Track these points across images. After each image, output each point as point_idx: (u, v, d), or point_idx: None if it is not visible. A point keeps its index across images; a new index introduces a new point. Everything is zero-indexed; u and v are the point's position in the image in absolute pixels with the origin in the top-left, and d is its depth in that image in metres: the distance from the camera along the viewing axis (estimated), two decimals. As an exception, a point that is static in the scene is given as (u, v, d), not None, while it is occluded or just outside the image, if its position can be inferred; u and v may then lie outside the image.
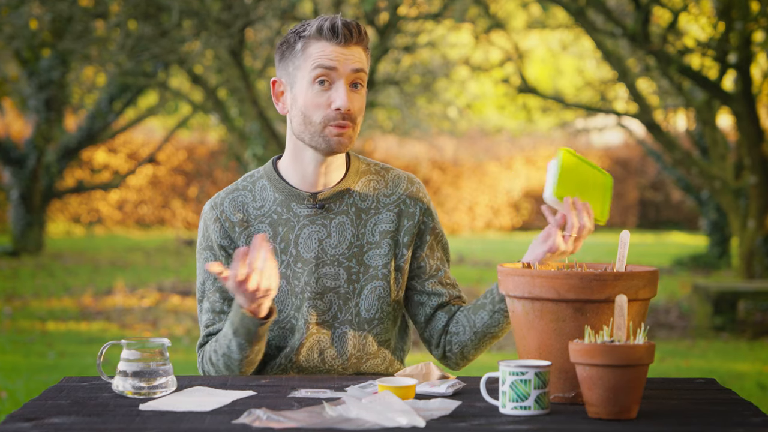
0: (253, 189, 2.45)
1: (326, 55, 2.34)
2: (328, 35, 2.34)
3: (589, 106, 11.46)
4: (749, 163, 9.21)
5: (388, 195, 2.46)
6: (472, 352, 2.46)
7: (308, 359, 2.43)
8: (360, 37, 2.36)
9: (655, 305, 9.74)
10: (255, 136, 8.86)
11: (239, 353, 2.33)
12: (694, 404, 2.07)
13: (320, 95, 2.34)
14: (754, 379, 6.64)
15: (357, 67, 2.35)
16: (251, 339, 2.30)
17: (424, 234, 2.47)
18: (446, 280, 2.49)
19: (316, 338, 2.42)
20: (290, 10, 8.52)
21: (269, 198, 2.43)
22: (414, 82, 12.04)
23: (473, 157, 19.47)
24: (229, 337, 2.32)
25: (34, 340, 8.00)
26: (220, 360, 2.37)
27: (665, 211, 20.29)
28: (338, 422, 1.86)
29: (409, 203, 2.46)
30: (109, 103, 13.42)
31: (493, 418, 1.95)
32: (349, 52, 2.34)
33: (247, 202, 2.43)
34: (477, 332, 2.42)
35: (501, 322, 2.41)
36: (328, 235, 2.41)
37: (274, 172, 2.45)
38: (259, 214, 2.42)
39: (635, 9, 8.79)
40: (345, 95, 2.32)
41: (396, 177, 2.48)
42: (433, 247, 2.48)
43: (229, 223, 2.42)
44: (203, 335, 2.46)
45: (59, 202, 16.95)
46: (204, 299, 2.46)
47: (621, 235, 2.17)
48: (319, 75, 2.34)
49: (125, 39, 8.58)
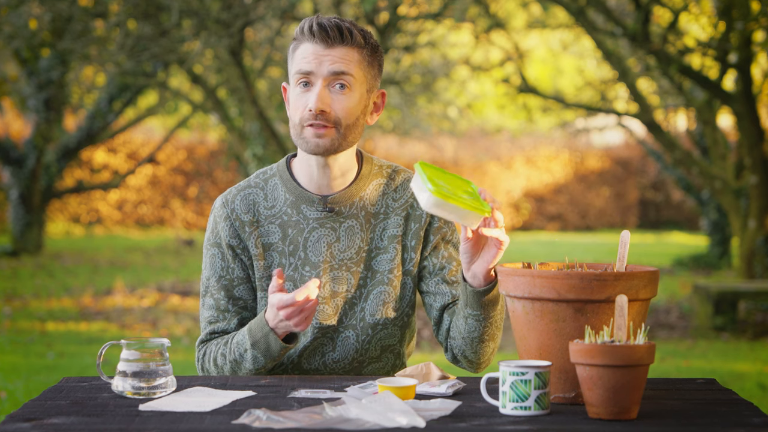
0: (265, 187, 2.44)
1: (305, 57, 2.33)
2: (309, 36, 2.33)
3: (589, 106, 11.46)
4: (750, 163, 9.21)
5: (396, 199, 2.45)
6: (473, 356, 2.39)
7: (310, 362, 2.42)
8: (343, 38, 2.33)
9: (655, 305, 9.74)
10: (255, 136, 8.85)
11: (252, 364, 2.33)
12: (694, 405, 2.07)
13: (301, 97, 2.34)
14: (755, 379, 6.64)
15: (336, 69, 2.32)
16: (268, 356, 2.31)
17: (429, 234, 2.45)
18: (451, 277, 2.45)
19: (319, 341, 2.41)
20: (290, 10, 8.51)
21: (280, 198, 2.42)
22: (414, 82, 12.03)
23: (473, 157, 19.47)
24: (245, 347, 2.32)
25: (34, 341, 8.00)
26: (227, 365, 2.36)
27: (666, 211, 20.28)
28: (338, 423, 1.86)
29: (416, 206, 2.45)
30: (108, 103, 13.41)
31: (494, 418, 1.94)
32: (329, 53, 2.32)
33: (258, 201, 2.42)
34: (465, 338, 2.37)
35: (477, 328, 2.33)
36: (337, 239, 2.40)
37: (286, 171, 2.44)
38: (269, 215, 2.41)
39: (635, 9, 8.79)
40: (316, 96, 2.31)
41: (406, 180, 2.46)
42: (439, 246, 2.45)
43: (239, 223, 2.41)
44: (206, 332, 2.44)
45: (59, 202, 16.95)
46: (207, 295, 2.45)
47: (621, 235, 2.17)
48: (300, 78, 2.34)
49: (125, 39, 8.58)
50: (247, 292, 2.42)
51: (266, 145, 8.79)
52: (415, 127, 14.85)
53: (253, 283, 2.43)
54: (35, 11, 8.84)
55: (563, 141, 20.11)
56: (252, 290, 2.43)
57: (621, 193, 20.22)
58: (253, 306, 2.44)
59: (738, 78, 9.15)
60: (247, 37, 9.71)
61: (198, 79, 9.44)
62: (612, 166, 20.19)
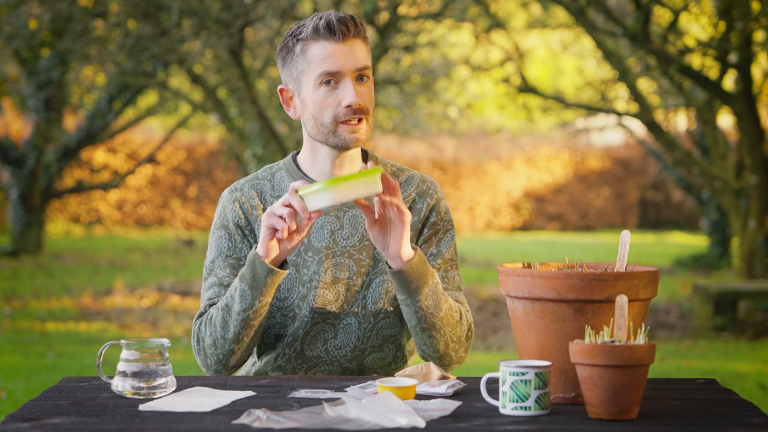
0: (272, 180, 2.48)
1: (327, 56, 2.33)
2: (325, 34, 2.34)
3: (589, 106, 11.46)
4: (750, 163, 9.21)
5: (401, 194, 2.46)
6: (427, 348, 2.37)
7: (312, 349, 2.43)
8: (357, 30, 2.35)
9: (655, 305, 9.73)
10: (255, 136, 8.85)
11: (240, 304, 2.30)
12: (694, 405, 2.06)
13: (328, 95, 2.35)
14: (755, 379, 6.63)
15: (361, 64, 2.35)
16: (255, 286, 2.28)
17: (425, 228, 2.48)
18: None
19: (321, 327, 2.43)
20: (290, 10, 8.51)
21: (286, 188, 2.45)
22: (414, 82, 12.03)
23: (473, 157, 19.47)
24: (234, 286, 2.32)
25: (34, 341, 8.00)
26: (218, 316, 2.34)
27: (666, 211, 20.28)
28: (338, 423, 1.86)
29: (418, 200, 2.48)
30: (108, 103, 13.41)
31: (494, 418, 1.94)
32: (350, 48, 2.34)
33: (266, 191, 2.46)
34: (411, 330, 2.38)
35: (412, 316, 2.33)
36: (340, 226, 2.43)
37: (293, 164, 2.48)
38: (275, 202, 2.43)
39: (636, 8, 8.79)
40: (353, 90, 2.33)
41: (409, 177, 2.50)
42: (430, 240, 2.48)
43: (248, 206, 2.45)
44: (204, 306, 2.43)
45: (58, 202, 16.95)
46: (211, 275, 2.44)
47: (621, 235, 2.17)
48: (325, 78, 2.34)
49: (125, 38, 8.58)
50: None
51: (266, 145, 8.79)
52: (415, 127, 14.85)
53: None
54: (35, 11, 8.84)
55: (563, 141, 20.11)
56: None
57: (621, 193, 20.22)
58: None
59: (738, 78, 9.15)
60: (247, 37, 9.71)
61: (198, 79, 9.44)
62: (612, 166, 20.19)
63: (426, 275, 2.31)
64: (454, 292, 2.47)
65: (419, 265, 2.29)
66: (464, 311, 2.44)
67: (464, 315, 2.43)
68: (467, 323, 2.44)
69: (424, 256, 2.32)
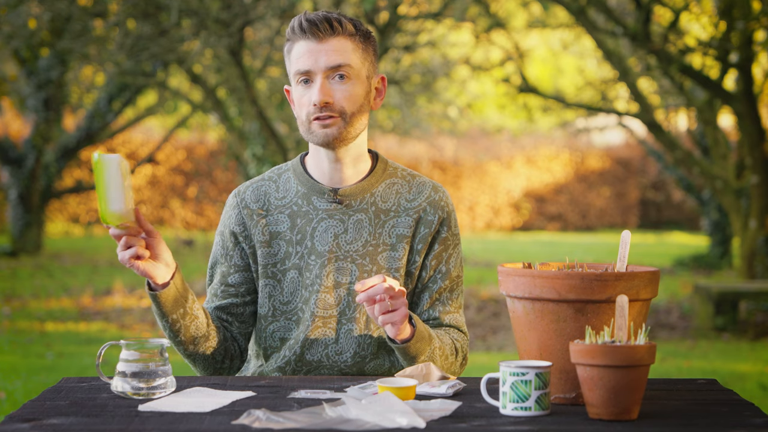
0: (278, 180, 2.49)
1: (301, 56, 2.38)
2: (300, 33, 2.38)
3: (589, 106, 11.45)
4: (751, 163, 9.21)
5: (410, 200, 2.47)
6: None
7: (312, 353, 2.43)
8: (333, 30, 2.36)
9: (656, 306, 9.73)
10: (254, 136, 8.85)
11: (162, 327, 2.38)
12: (695, 405, 2.06)
13: (303, 94, 2.39)
14: (756, 379, 6.63)
15: (333, 62, 2.36)
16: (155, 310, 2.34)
17: (435, 242, 2.47)
18: (436, 295, 2.48)
19: (321, 332, 2.43)
20: (290, 9, 8.51)
21: (292, 190, 2.46)
22: (414, 82, 12.03)
23: (473, 157, 19.47)
24: None
25: (33, 341, 7.99)
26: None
27: (666, 211, 20.29)
28: (338, 423, 1.86)
29: (429, 211, 2.47)
30: (108, 103, 13.41)
31: (494, 418, 1.94)
32: (324, 47, 2.36)
33: (270, 193, 2.47)
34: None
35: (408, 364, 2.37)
36: (344, 230, 2.43)
37: (300, 166, 2.49)
38: (279, 205, 2.46)
39: (636, 8, 8.79)
40: (318, 89, 2.35)
41: (421, 184, 2.49)
42: (440, 256, 2.48)
43: (247, 211, 2.46)
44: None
45: (58, 201, 16.95)
46: (210, 282, 2.53)
47: (622, 235, 2.16)
48: (300, 77, 2.39)
49: (124, 38, 8.58)
50: (241, 280, 2.46)
51: (266, 145, 8.79)
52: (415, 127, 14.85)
53: (253, 272, 2.46)
54: (34, 11, 8.83)
55: (564, 141, 20.11)
56: (248, 278, 2.47)
57: (622, 193, 20.23)
58: (246, 293, 2.47)
59: (739, 78, 9.15)
60: (246, 36, 9.71)
61: (197, 79, 9.43)
62: (612, 166, 20.19)
63: (425, 346, 2.34)
64: (455, 315, 2.49)
65: (417, 343, 2.32)
66: (460, 345, 2.47)
67: (460, 349, 2.47)
68: (462, 354, 2.48)
69: (423, 329, 2.34)
